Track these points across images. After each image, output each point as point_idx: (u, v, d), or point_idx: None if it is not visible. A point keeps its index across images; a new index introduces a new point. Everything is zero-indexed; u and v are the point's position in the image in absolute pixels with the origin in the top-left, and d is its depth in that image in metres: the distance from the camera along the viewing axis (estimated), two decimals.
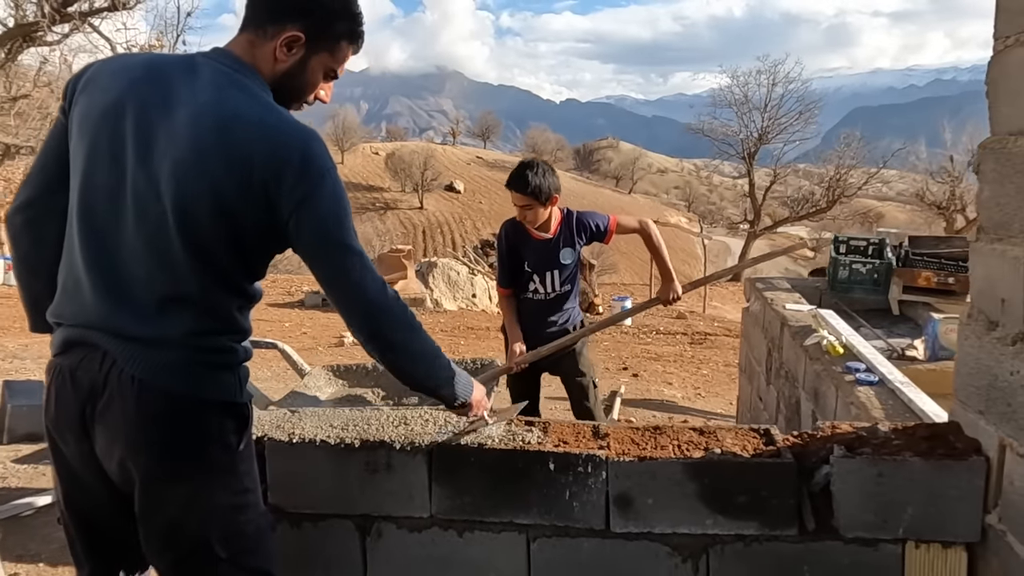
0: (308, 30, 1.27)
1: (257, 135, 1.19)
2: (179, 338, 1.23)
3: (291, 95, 1.32)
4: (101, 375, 1.22)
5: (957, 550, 1.47)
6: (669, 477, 1.52)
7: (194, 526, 1.27)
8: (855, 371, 2.44)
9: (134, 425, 1.21)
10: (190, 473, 1.26)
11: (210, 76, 1.22)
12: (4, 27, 12.63)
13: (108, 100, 1.22)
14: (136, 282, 1.22)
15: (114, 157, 1.21)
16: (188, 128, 1.18)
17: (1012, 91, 1.34)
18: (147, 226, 1.20)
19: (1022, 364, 1.30)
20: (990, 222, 1.42)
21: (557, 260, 2.90)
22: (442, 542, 1.63)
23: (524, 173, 2.76)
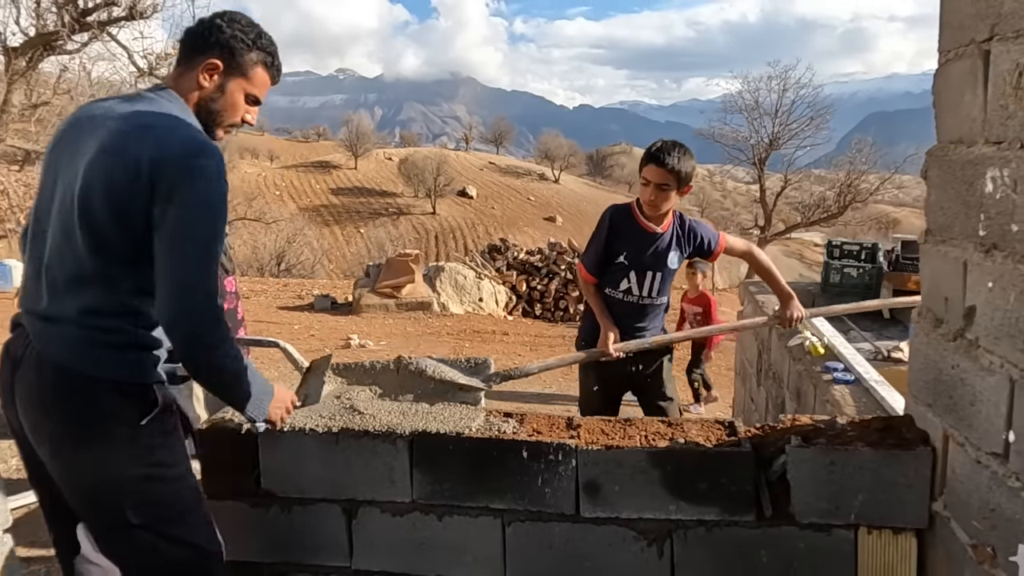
0: (223, 58, 1.52)
1: (154, 135, 1.38)
2: (74, 316, 1.40)
3: (215, 117, 1.55)
4: (23, 349, 1.44)
5: (907, 536, 1.55)
6: (634, 465, 1.61)
7: (104, 495, 1.42)
8: (833, 371, 2.52)
9: (37, 397, 1.41)
10: (90, 444, 1.40)
11: (138, 101, 1.48)
12: (26, 36, 12.94)
13: (58, 137, 1.51)
14: (54, 268, 1.42)
15: (50, 175, 1.48)
16: (102, 135, 1.40)
17: (952, 102, 1.43)
18: (63, 217, 1.41)
19: (962, 359, 1.38)
20: (935, 225, 1.50)
21: (663, 261, 2.59)
22: (422, 525, 1.73)
23: (670, 149, 2.50)
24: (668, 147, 2.51)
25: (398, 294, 10.67)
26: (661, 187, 2.48)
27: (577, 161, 68.31)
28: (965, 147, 1.36)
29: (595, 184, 64.52)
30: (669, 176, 2.47)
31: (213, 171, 1.38)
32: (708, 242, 2.63)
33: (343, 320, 10.22)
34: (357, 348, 8.11)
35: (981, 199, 1.29)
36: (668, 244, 2.59)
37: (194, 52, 1.52)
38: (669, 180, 2.47)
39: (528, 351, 8.07)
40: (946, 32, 1.45)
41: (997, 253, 1.25)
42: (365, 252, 36.99)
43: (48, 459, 1.44)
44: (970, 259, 1.34)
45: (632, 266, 2.56)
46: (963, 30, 1.35)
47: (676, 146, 2.52)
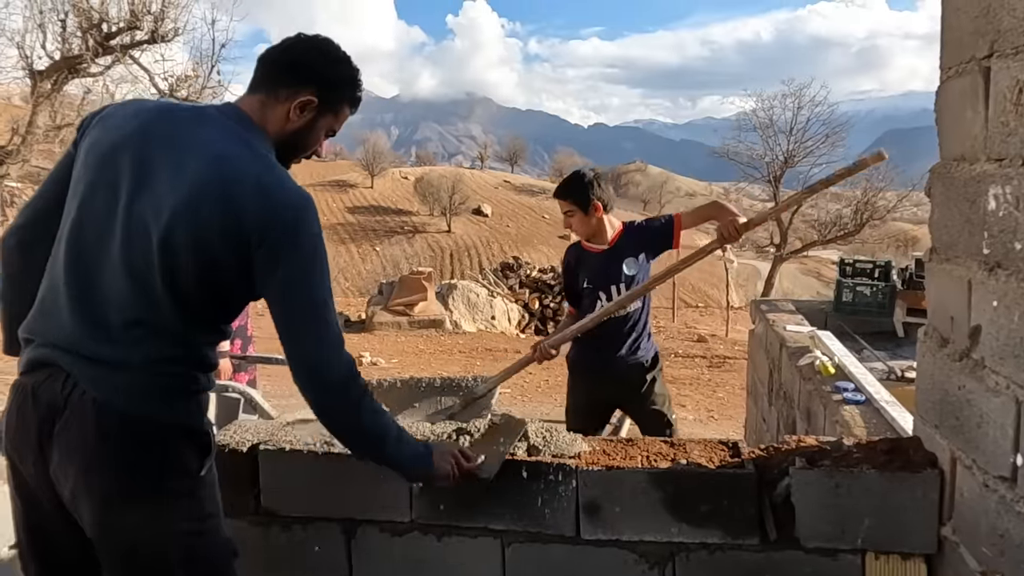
0: (320, 95, 1.38)
1: (253, 192, 1.26)
2: (141, 363, 1.27)
3: (295, 152, 1.44)
4: (62, 395, 1.26)
5: (916, 561, 1.51)
6: (635, 486, 1.59)
7: (153, 550, 1.29)
8: (843, 390, 2.48)
9: (91, 447, 1.24)
10: (148, 496, 1.28)
11: (218, 128, 1.32)
12: (51, 60, 13.29)
13: (117, 136, 1.31)
14: (110, 306, 1.27)
15: (112, 187, 1.29)
16: (190, 172, 1.25)
17: (953, 119, 1.41)
18: (131, 254, 1.26)
19: (968, 379, 1.35)
20: (940, 243, 1.48)
21: (620, 273, 2.71)
22: (422, 545, 1.71)
23: (567, 180, 2.78)
24: (563, 181, 2.82)
25: (411, 312, 10.70)
26: (567, 214, 2.77)
27: None
28: (967, 164, 1.34)
29: None
30: (565, 204, 2.76)
31: (316, 228, 1.31)
32: (662, 226, 2.72)
33: (356, 338, 10.25)
34: (369, 366, 8.13)
35: (984, 217, 1.28)
36: (618, 255, 2.75)
37: (287, 81, 1.37)
38: (569, 207, 2.75)
39: (540, 370, 8.04)
40: (947, 49, 1.44)
41: (1001, 272, 1.23)
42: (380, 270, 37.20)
43: (90, 515, 1.27)
44: (974, 278, 1.31)
45: (597, 287, 2.75)
46: (963, 47, 1.35)
47: (569, 178, 2.81)
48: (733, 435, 5.45)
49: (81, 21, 12.87)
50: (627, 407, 2.85)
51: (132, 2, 12.80)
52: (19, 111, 14.77)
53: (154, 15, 13.02)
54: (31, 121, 13.12)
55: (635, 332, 2.74)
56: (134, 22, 12.98)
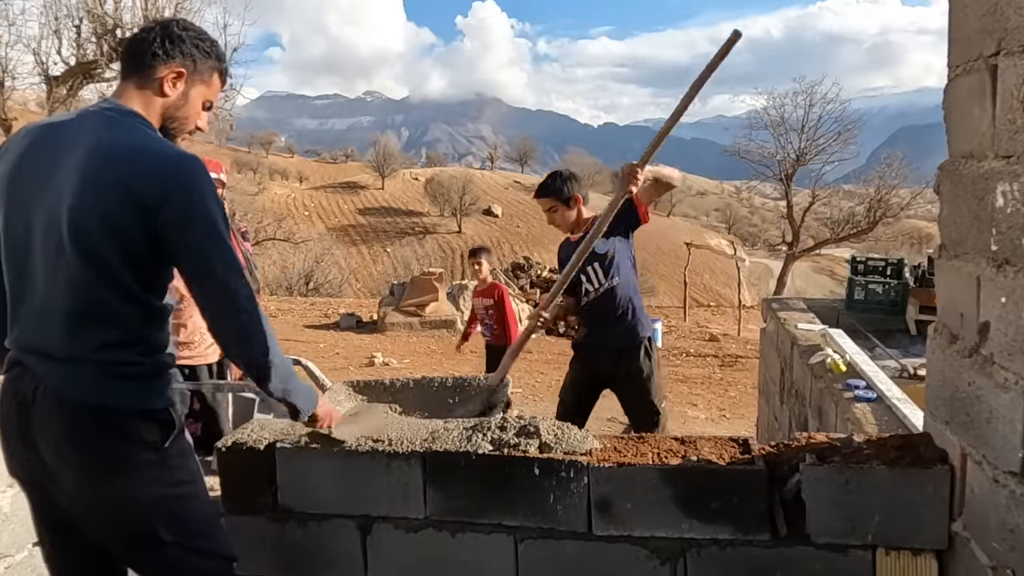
0: (188, 66, 1.51)
1: (138, 160, 1.37)
2: (88, 354, 1.40)
3: (177, 125, 1.54)
4: (30, 390, 1.41)
5: (927, 557, 1.51)
6: (646, 482, 1.61)
7: (133, 519, 1.44)
8: (855, 388, 2.48)
9: (58, 435, 1.40)
10: (116, 473, 1.41)
11: (95, 121, 1.43)
12: (67, 65, 13.48)
13: (14, 160, 1.46)
14: (51, 308, 1.40)
15: (25, 203, 1.42)
16: (78, 164, 1.37)
17: (961, 117, 1.42)
18: (51, 255, 1.39)
19: (977, 375, 1.35)
20: (949, 240, 1.48)
21: (593, 252, 2.85)
22: (436, 542, 1.74)
23: (545, 180, 3.04)
24: (541, 184, 3.04)
25: (422, 312, 10.74)
26: (551, 210, 3.01)
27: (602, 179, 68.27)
28: (975, 161, 1.35)
29: None
30: (547, 202, 3.00)
31: (205, 184, 1.40)
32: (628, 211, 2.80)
33: (368, 338, 10.31)
34: (381, 366, 8.18)
35: (992, 213, 1.28)
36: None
37: (153, 60, 1.48)
38: (551, 202, 2.99)
39: (551, 369, 8.05)
40: (955, 47, 1.44)
41: (1009, 268, 1.23)
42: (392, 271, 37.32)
43: (72, 495, 1.44)
44: (983, 274, 1.32)
45: (579, 272, 2.92)
46: (971, 45, 1.35)
47: (547, 178, 3.04)
48: (745, 433, 5.44)
49: (96, 27, 13.06)
50: (617, 388, 2.98)
51: (145, 7, 12.97)
52: (35, 117, 14.97)
53: None
54: None
55: (623, 310, 2.96)
56: None
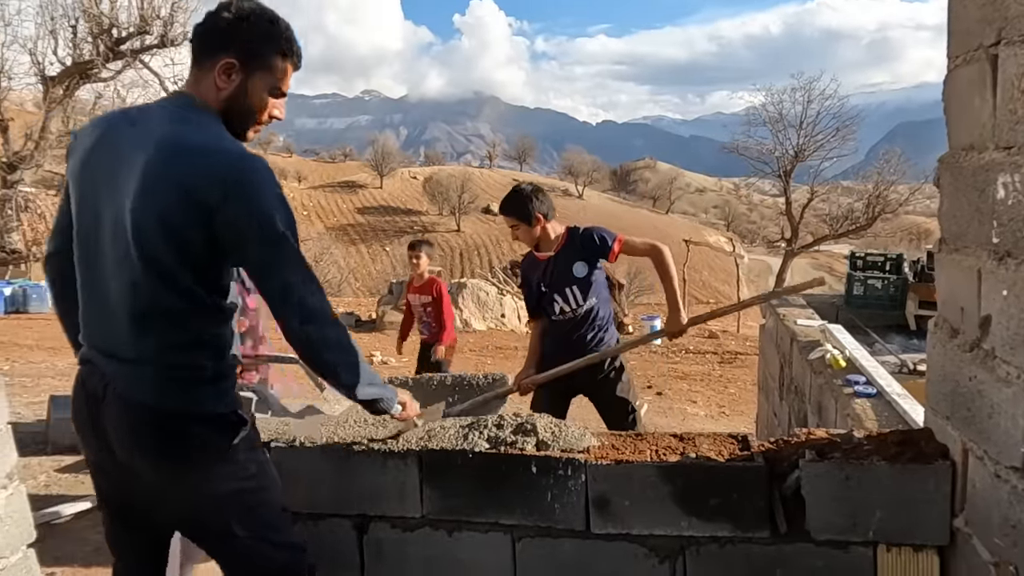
0: (240, 55, 1.41)
1: (198, 158, 1.33)
2: (152, 356, 1.38)
3: (241, 119, 1.45)
4: (100, 388, 1.41)
5: (928, 553, 1.50)
6: (644, 480, 1.59)
7: (207, 513, 1.44)
8: (855, 384, 2.47)
9: (125, 434, 1.40)
10: (187, 472, 1.41)
11: (164, 114, 1.39)
12: (63, 66, 13.45)
13: (84, 155, 1.43)
14: (117, 308, 1.38)
15: (93, 200, 1.40)
16: (142, 162, 1.33)
17: (961, 108, 1.40)
18: (117, 255, 1.36)
19: (978, 370, 1.34)
20: (949, 233, 1.47)
21: (570, 274, 2.91)
22: (433, 541, 1.72)
23: (508, 197, 2.97)
24: (504, 200, 2.99)
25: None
26: (514, 227, 2.97)
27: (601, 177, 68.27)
28: (976, 153, 1.33)
29: (619, 199, 64.38)
30: (511, 219, 2.95)
31: (266, 183, 1.35)
32: (603, 240, 2.86)
33: (366, 337, 10.29)
34: (380, 365, 8.16)
35: (993, 206, 1.27)
36: (566, 259, 2.91)
37: (206, 52, 1.41)
38: (514, 221, 2.95)
39: None
40: (954, 38, 1.43)
41: (1011, 260, 1.22)
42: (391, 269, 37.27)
43: (145, 491, 1.44)
44: (984, 267, 1.30)
45: (551, 290, 2.94)
46: (970, 35, 1.34)
47: (509, 195, 2.98)
48: (744, 430, 5.43)
49: (92, 27, 13.03)
50: (592, 395, 2.98)
51: (142, 7, 12.94)
52: (32, 117, 14.96)
53: (163, 20, 13.16)
54: (44, 127, 13.30)
55: (595, 326, 2.95)
56: (144, 27, 13.12)
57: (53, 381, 6.53)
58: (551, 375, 2.78)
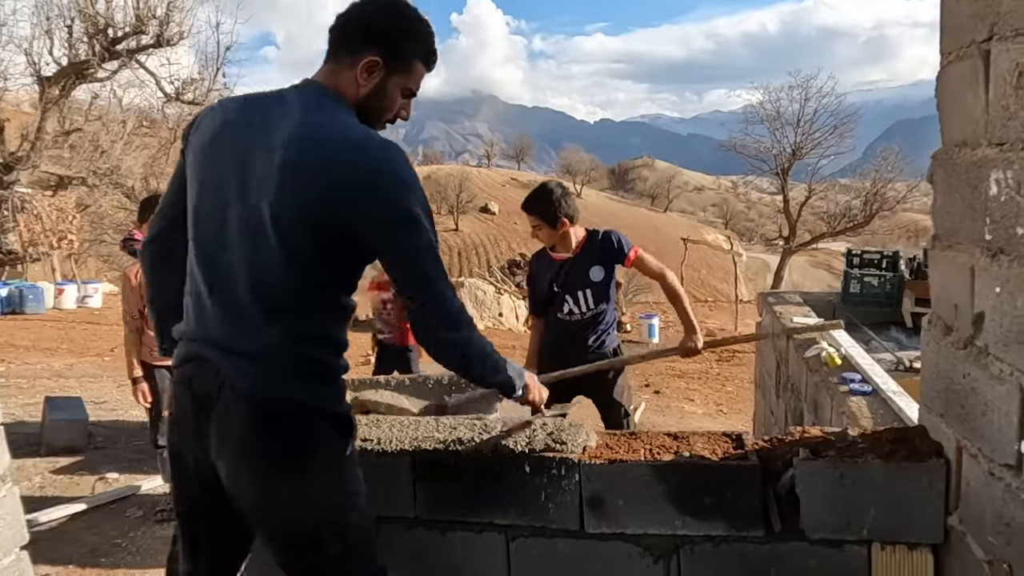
0: (385, 55, 1.37)
1: (340, 149, 1.28)
2: (280, 350, 1.32)
3: (373, 116, 1.42)
4: (214, 386, 1.32)
5: (923, 552, 1.49)
6: (638, 479, 1.58)
7: (309, 524, 1.36)
8: (850, 382, 2.46)
9: (243, 435, 1.31)
10: (304, 474, 1.34)
11: (298, 103, 1.33)
12: (59, 66, 13.41)
13: (211, 137, 1.37)
14: (242, 299, 1.32)
15: (219, 186, 1.34)
16: (279, 151, 1.28)
17: (954, 104, 1.40)
18: (249, 245, 1.30)
19: (972, 367, 1.33)
20: (942, 230, 1.46)
21: (587, 278, 2.90)
22: (427, 541, 1.71)
23: (536, 195, 2.91)
24: (530, 198, 2.93)
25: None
26: (537, 228, 2.92)
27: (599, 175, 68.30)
28: (969, 150, 1.33)
29: (617, 198, 64.42)
30: (534, 219, 2.90)
31: (410, 176, 1.31)
32: (620, 243, 2.89)
33: (364, 336, 10.26)
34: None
35: (986, 202, 1.26)
36: (584, 262, 2.90)
37: (351, 47, 1.36)
38: (538, 221, 2.89)
39: None
40: (947, 34, 1.42)
41: (1003, 257, 1.21)
42: None
43: (250, 495, 1.35)
44: (977, 264, 1.30)
45: (564, 291, 2.91)
46: (963, 31, 1.33)
47: (538, 195, 2.92)
48: (741, 428, 5.43)
49: (87, 27, 12.99)
50: (592, 395, 2.98)
51: (137, 7, 12.91)
52: (28, 117, 14.93)
53: (159, 19, 13.12)
54: (40, 127, 13.26)
55: (599, 329, 2.96)
56: (139, 27, 13.09)
57: (49, 382, 6.52)
58: (556, 377, 2.71)
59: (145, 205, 3.36)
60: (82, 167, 14.73)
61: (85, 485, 3.71)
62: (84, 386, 6.09)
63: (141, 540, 3.11)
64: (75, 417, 4.27)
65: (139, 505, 3.48)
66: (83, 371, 6.53)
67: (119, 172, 15.23)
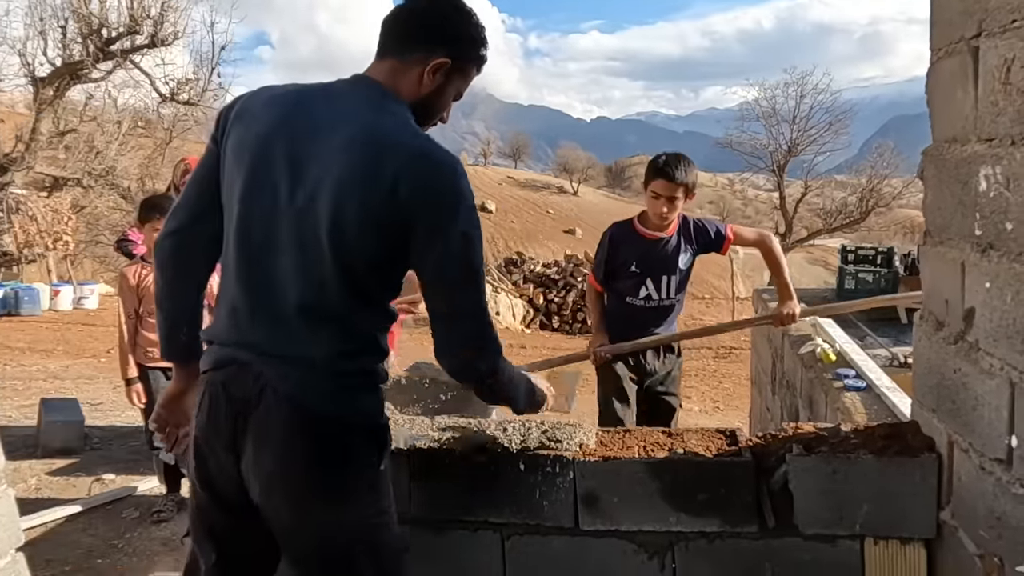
0: (453, 55, 1.33)
1: (405, 158, 1.22)
2: (327, 359, 1.27)
3: (428, 117, 1.38)
4: (255, 390, 1.26)
5: (916, 547, 1.50)
6: (632, 476, 1.59)
7: (342, 541, 1.31)
8: (845, 377, 2.47)
9: (285, 443, 1.25)
10: (338, 491, 1.29)
11: (357, 101, 1.28)
12: (53, 66, 13.36)
13: (261, 130, 1.28)
14: (288, 304, 1.27)
15: (269, 184, 1.26)
16: (339, 152, 1.22)
17: (944, 100, 1.40)
18: (300, 248, 1.25)
19: (963, 362, 1.34)
20: (933, 226, 1.47)
21: (675, 264, 2.73)
22: (421, 540, 1.71)
23: (676, 163, 2.65)
24: (674, 161, 2.65)
25: (415, 310, 10.68)
26: (672, 199, 2.63)
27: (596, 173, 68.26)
28: (959, 145, 1.33)
29: (614, 195, 64.44)
30: (678, 188, 2.62)
31: (468, 193, 1.27)
32: (717, 231, 2.75)
33: None
34: None
35: (976, 198, 1.27)
36: (676, 246, 2.72)
37: (419, 45, 1.31)
38: (679, 192, 2.62)
39: None
40: (936, 30, 1.43)
41: (993, 253, 1.22)
42: None
43: (286, 509, 1.29)
44: (967, 260, 1.31)
45: (646, 273, 2.70)
46: (952, 27, 1.33)
47: (680, 159, 2.66)
48: (738, 425, 5.43)
49: (81, 27, 12.95)
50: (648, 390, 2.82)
51: (131, 7, 12.86)
52: (23, 118, 14.88)
53: (153, 19, 13.08)
54: (34, 128, 13.21)
55: (670, 319, 2.81)
56: (134, 27, 13.05)
57: (44, 384, 6.50)
58: (629, 347, 2.62)
59: (145, 205, 3.34)
60: (77, 168, 14.68)
61: (81, 487, 3.70)
62: (80, 387, 6.08)
63: (137, 541, 3.11)
64: (71, 419, 4.26)
65: (135, 506, 3.47)
66: (79, 372, 6.52)
67: (114, 173, 15.18)
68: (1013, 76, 1.13)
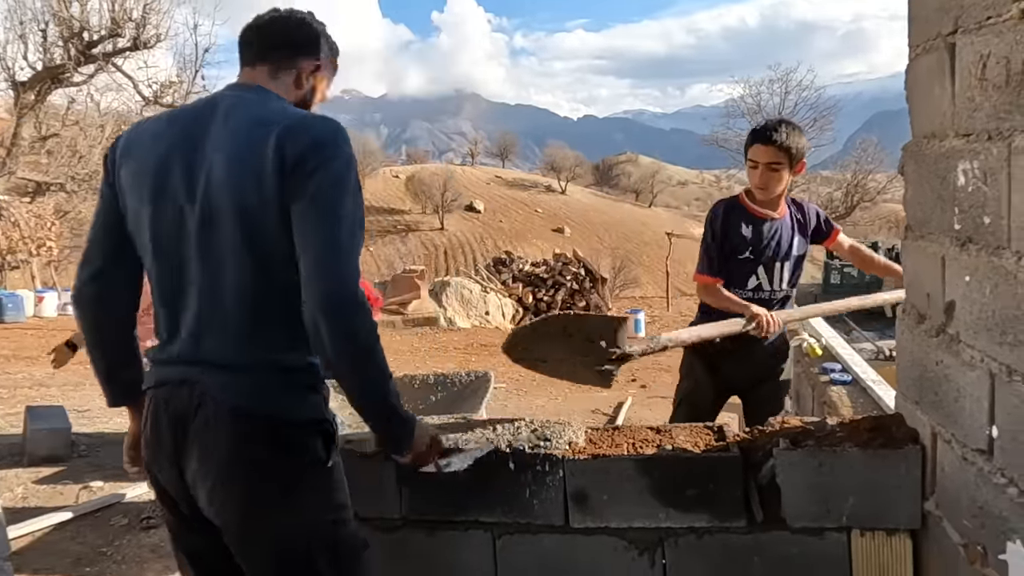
0: (323, 59, 1.47)
1: (287, 125, 1.26)
2: (263, 361, 1.29)
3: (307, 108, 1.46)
4: (192, 403, 1.27)
5: (901, 537, 1.52)
6: (621, 473, 1.60)
7: (296, 545, 1.30)
8: (831, 371, 2.49)
9: (226, 452, 1.25)
10: (287, 495, 1.28)
11: (230, 102, 1.33)
12: (34, 70, 13.23)
13: (154, 159, 1.31)
14: (215, 314, 1.28)
15: (172, 206, 1.29)
16: (222, 148, 1.26)
17: (923, 96, 1.42)
18: (212, 257, 1.27)
19: (944, 354, 1.36)
20: (914, 220, 1.49)
21: (788, 249, 2.41)
22: (414, 541, 1.72)
23: (776, 126, 2.36)
24: (774, 124, 2.39)
25: (404, 310, 10.69)
26: (772, 166, 2.31)
27: (583, 171, 68.38)
28: (937, 141, 1.35)
29: (602, 194, 64.57)
30: (779, 153, 2.31)
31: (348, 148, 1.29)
32: (826, 221, 2.48)
33: None
34: None
35: (954, 193, 1.28)
36: (791, 229, 2.42)
37: (294, 51, 1.41)
38: (780, 158, 2.31)
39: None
40: (914, 26, 1.44)
41: (972, 246, 1.23)
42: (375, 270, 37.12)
43: (233, 519, 1.29)
44: (947, 253, 1.32)
45: (758, 260, 2.38)
46: (929, 24, 1.35)
47: (783, 122, 2.40)
48: (725, 420, 5.46)
49: (62, 30, 12.83)
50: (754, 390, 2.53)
51: (113, 9, 12.75)
52: (3, 124, 14.70)
53: (135, 22, 12.98)
54: (16, 133, 13.08)
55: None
56: (115, 29, 12.94)
57: (30, 391, 6.43)
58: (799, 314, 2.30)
59: None
60: (60, 173, 14.54)
61: (69, 494, 3.67)
62: (66, 395, 6.02)
63: (127, 548, 3.09)
64: (57, 426, 4.23)
65: (124, 513, 3.45)
66: (65, 379, 6.46)
67: (98, 177, 15.05)
68: (989, 72, 1.14)
